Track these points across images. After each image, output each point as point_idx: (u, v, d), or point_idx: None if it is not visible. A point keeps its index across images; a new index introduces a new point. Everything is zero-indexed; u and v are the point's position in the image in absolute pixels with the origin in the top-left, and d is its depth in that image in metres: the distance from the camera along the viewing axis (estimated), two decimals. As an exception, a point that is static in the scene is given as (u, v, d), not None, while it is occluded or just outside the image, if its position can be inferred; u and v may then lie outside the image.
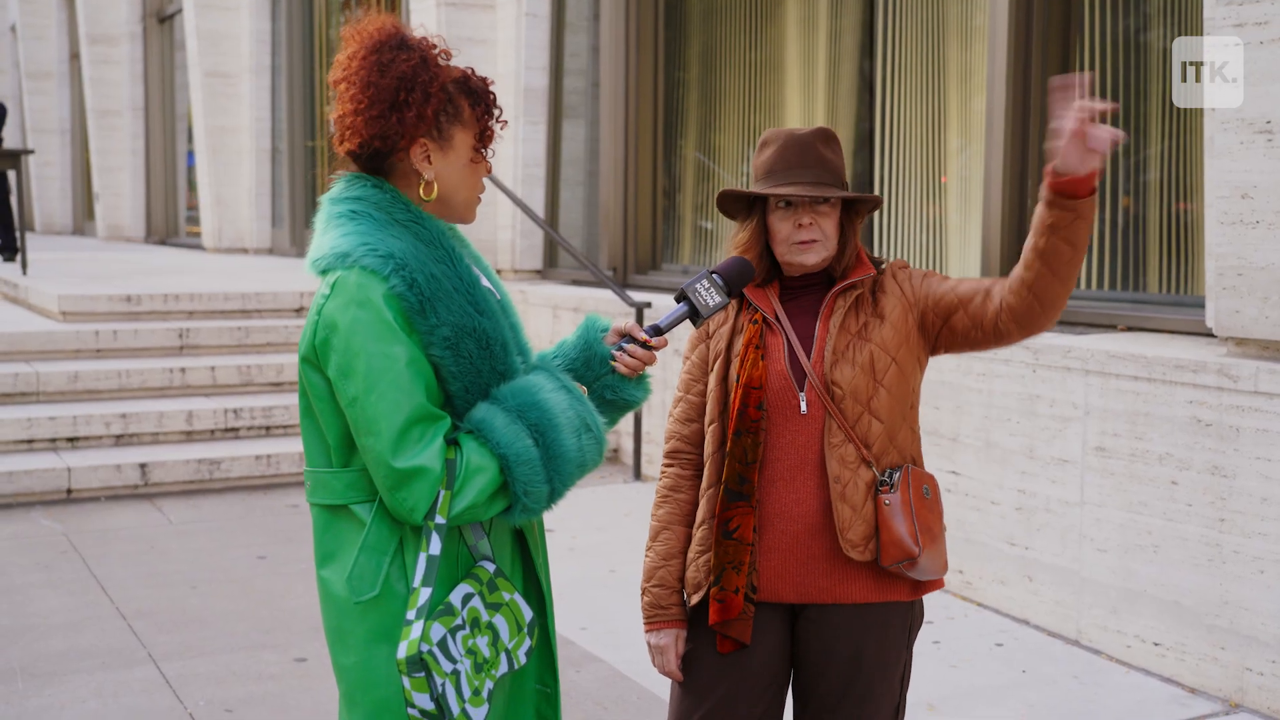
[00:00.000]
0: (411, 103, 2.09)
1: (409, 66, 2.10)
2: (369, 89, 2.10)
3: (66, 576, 5.43)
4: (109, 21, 18.42)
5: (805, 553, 2.49)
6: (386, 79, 2.09)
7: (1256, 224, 4.11)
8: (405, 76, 2.09)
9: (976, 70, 6.15)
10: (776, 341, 2.54)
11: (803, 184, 2.49)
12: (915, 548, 2.46)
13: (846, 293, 2.55)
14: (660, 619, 2.60)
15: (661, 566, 2.61)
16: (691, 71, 8.57)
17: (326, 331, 2.04)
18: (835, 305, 2.54)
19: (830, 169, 2.52)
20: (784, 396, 2.50)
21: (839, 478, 2.47)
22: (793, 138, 2.53)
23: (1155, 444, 4.39)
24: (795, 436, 2.50)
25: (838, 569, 2.49)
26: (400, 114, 2.09)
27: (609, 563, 5.64)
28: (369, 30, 2.14)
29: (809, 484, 2.49)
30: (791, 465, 2.50)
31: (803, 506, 2.49)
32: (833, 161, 2.53)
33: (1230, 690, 4.17)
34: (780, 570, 2.50)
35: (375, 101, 2.09)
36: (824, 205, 2.51)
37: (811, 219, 2.50)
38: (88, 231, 21.26)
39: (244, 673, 4.41)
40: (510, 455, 2.05)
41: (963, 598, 5.13)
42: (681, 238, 8.62)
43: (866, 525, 2.48)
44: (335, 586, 2.12)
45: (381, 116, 2.09)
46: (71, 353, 7.82)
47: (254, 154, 14.47)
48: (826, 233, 2.51)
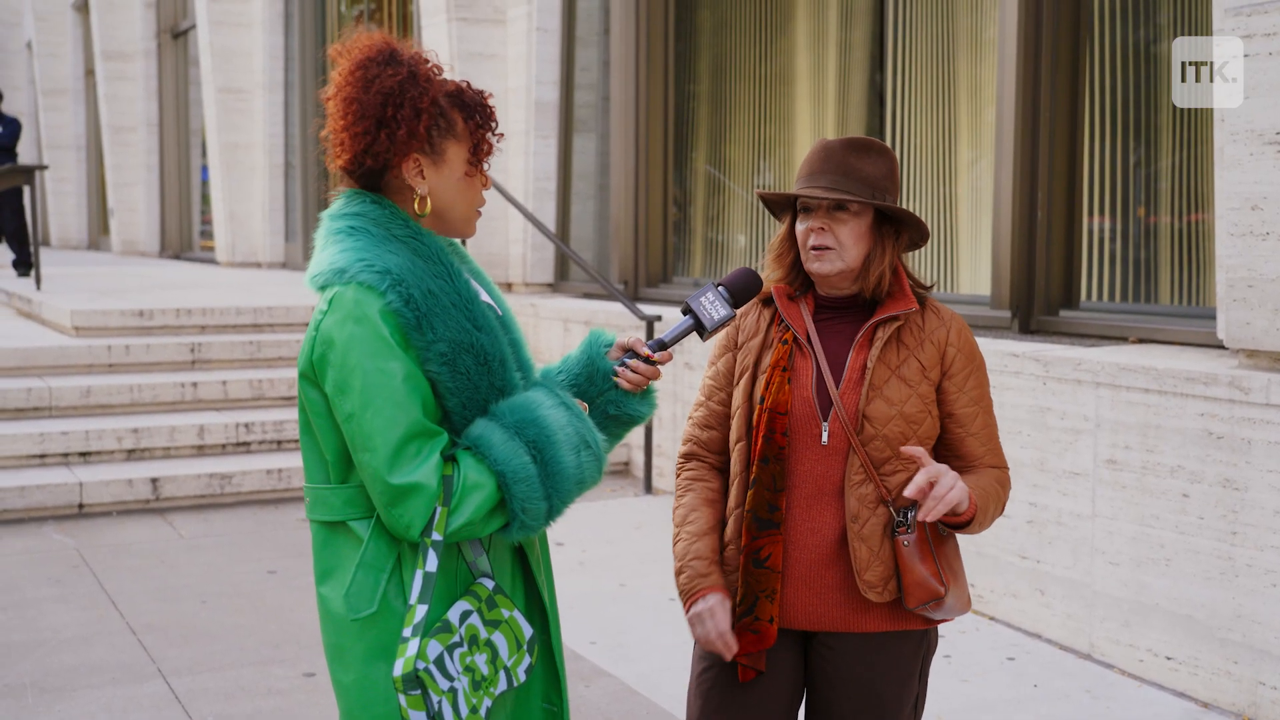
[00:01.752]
0: (400, 119, 2.08)
1: (395, 82, 2.09)
2: (353, 105, 2.10)
3: (77, 591, 5.44)
4: (123, 38, 18.53)
5: (820, 583, 2.44)
6: (370, 95, 2.09)
7: (1267, 235, 4.08)
8: (391, 92, 2.08)
9: (987, 83, 6.14)
10: (806, 365, 2.45)
11: (816, 188, 2.42)
12: (940, 587, 2.40)
13: (887, 324, 2.45)
14: (700, 586, 2.46)
15: (696, 541, 2.50)
16: (702, 85, 8.57)
17: (324, 347, 2.04)
18: (875, 336, 2.45)
19: (857, 177, 2.41)
20: (806, 424, 2.43)
21: (857, 516, 2.40)
22: (827, 144, 2.47)
23: (1167, 456, 4.36)
24: (814, 465, 2.43)
25: (853, 599, 2.44)
26: (389, 130, 2.08)
27: (619, 576, 5.62)
28: (357, 47, 2.14)
29: (825, 514, 2.43)
30: (808, 494, 2.44)
31: (818, 536, 2.44)
32: (860, 170, 2.42)
33: (1244, 704, 4.14)
34: (793, 599, 2.46)
35: (361, 117, 2.09)
36: (841, 213, 2.42)
37: (826, 225, 2.42)
38: (103, 246, 21.35)
39: (253, 688, 4.41)
40: (508, 472, 2.03)
41: (974, 611, 5.10)
42: (692, 251, 8.62)
43: (885, 567, 2.41)
44: (333, 603, 2.11)
45: (368, 133, 2.09)
46: (84, 367, 7.85)
47: (267, 169, 14.53)
48: (842, 241, 2.42)
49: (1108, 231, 5.57)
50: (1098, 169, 5.56)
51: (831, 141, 2.47)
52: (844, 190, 2.41)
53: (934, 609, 2.42)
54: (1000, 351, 4.97)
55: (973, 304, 5.92)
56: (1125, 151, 5.52)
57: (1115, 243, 5.54)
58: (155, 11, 18.12)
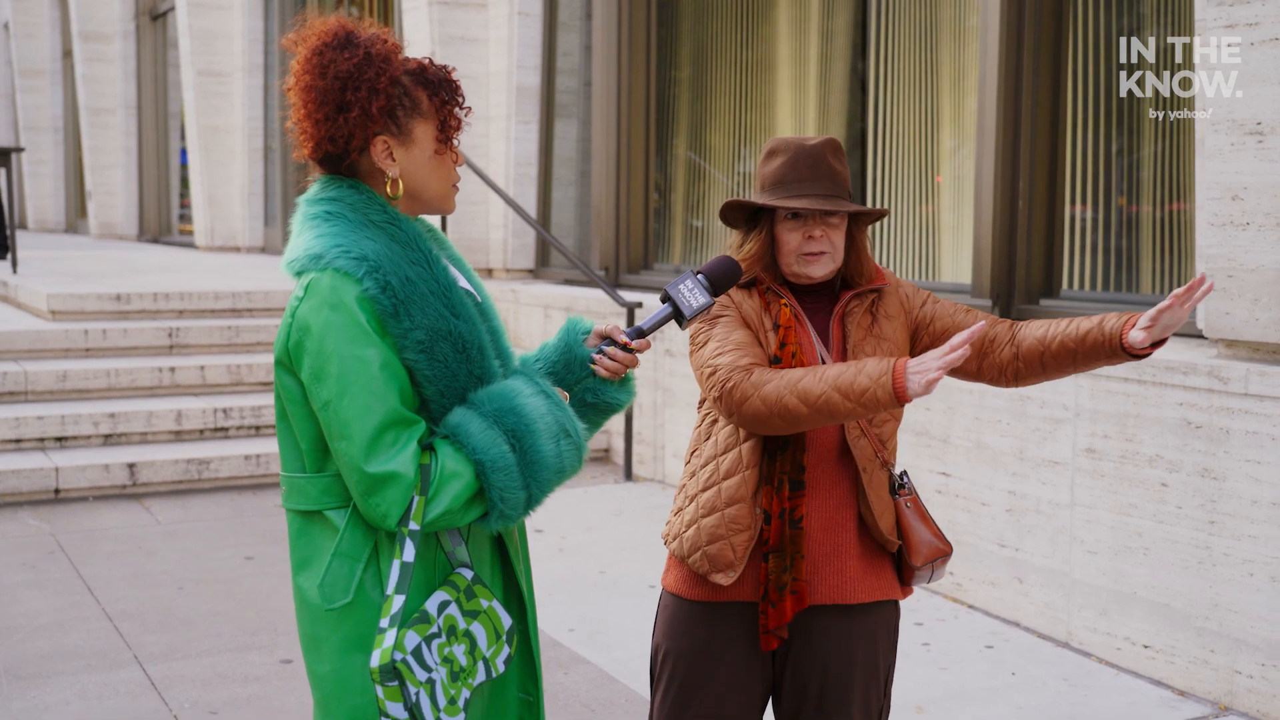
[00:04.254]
0: (356, 101, 2.05)
1: (351, 65, 2.06)
2: (311, 92, 2.08)
3: (53, 577, 5.40)
4: (102, 19, 18.38)
5: (818, 551, 2.49)
6: (327, 80, 2.06)
7: (1247, 225, 4.09)
8: (348, 75, 2.06)
9: (969, 71, 6.13)
10: (805, 333, 2.54)
11: (815, 196, 2.48)
12: (947, 545, 2.56)
13: (861, 296, 2.57)
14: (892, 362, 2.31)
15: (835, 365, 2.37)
16: (684, 71, 8.55)
17: (300, 334, 2.02)
18: (850, 306, 2.55)
19: (839, 181, 2.52)
20: None
21: (865, 469, 2.50)
22: (803, 149, 2.51)
23: (1145, 446, 4.37)
24: (819, 431, 2.49)
25: (851, 566, 2.51)
26: (346, 114, 2.06)
27: (599, 563, 5.62)
28: (312, 34, 2.11)
29: (827, 479, 2.50)
30: (812, 461, 2.49)
31: (818, 502, 2.49)
32: (841, 173, 2.53)
33: (1220, 693, 4.16)
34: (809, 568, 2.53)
35: (320, 104, 2.07)
36: (833, 218, 2.51)
37: (822, 231, 2.50)
38: (80, 229, 21.21)
39: (229, 674, 4.38)
40: (486, 461, 2.02)
41: (953, 599, 5.11)
42: (673, 237, 8.60)
43: (890, 519, 2.54)
44: (309, 593, 2.09)
45: (328, 119, 2.07)
46: (60, 352, 7.79)
47: (246, 153, 14.45)
48: (835, 245, 2.52)
49: (1089, 221, 5.57)
50: (1079, 158, 5.57)
51: (810, 144, 2.51)
52: (838, 197, 2.51)
53: (941, 565, 2.56)
54: (981, 340, 4.97)
55: (954, 292, 5.92)
56: (1107, 141, 5.52)
57: (1096, 232, 5.55)
58: (134, -8, 18.01)
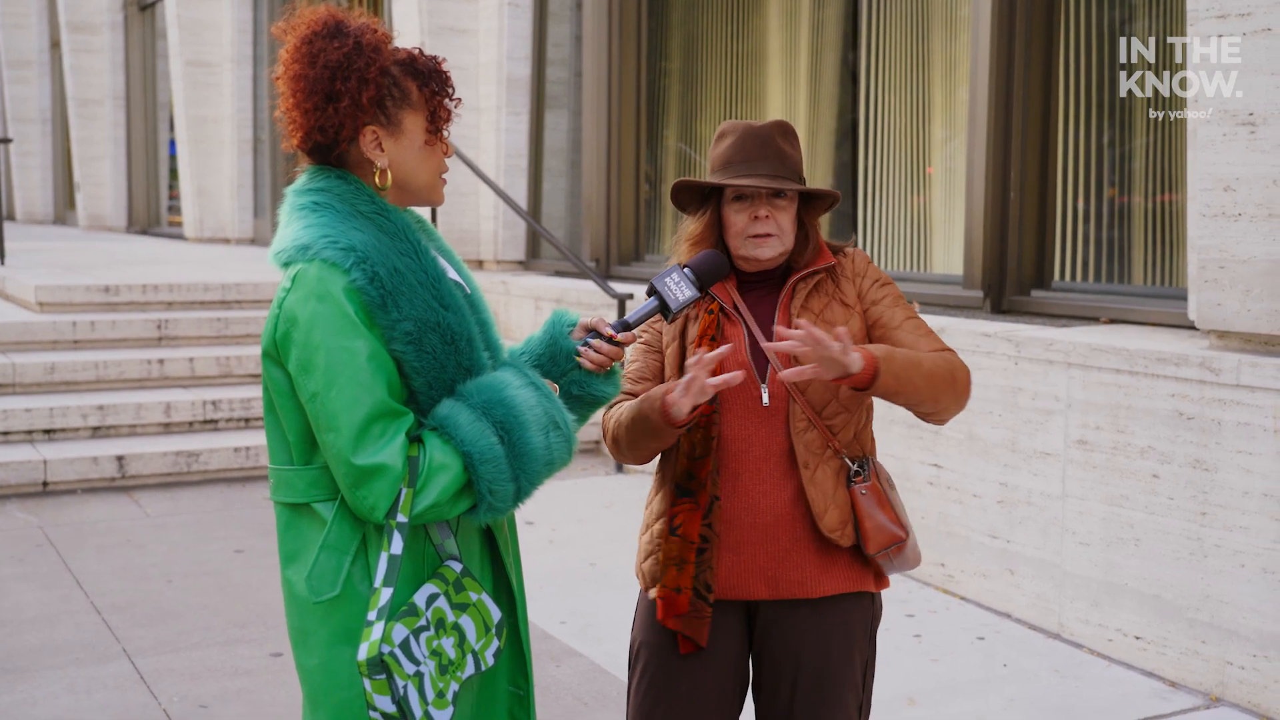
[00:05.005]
0: (345, 91, 2.04)
1: (341, 54, 2.05)
2: (300, 81, 2.06)
3: (41, 570, 5.38)
4: (90, 9, 18.30)
5: (775, 546, 2.45)
6: (316, 69, 2.05)
7: (1239, 216, 4.08)
8: (338, 65, 2.05)
9: (961, 62, 6.12)
10: (736, 331, 2.49)
11: (761, 176, 2.45)
12: (900, 531, 2.46)
13: (807, 279, 2.51)
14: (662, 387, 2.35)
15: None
16: (674, 61, 8.53)
17: (287, 325, 2.00)
18: (796, 290, 2.50)
19: (788, 163, 2.48)
20: (744, 389, 2.45)
21: (807, 463, 2.43)
22: (750, 130, 2.49)
23: (1137, 437, 4.37)
24: (758, 429, 2.45)
25: (811, 561, 2.46)
26: (336, 104, 2.05)
27: (589, 556, 5.60)
28: (302, 23, 2.10)
29: (774, 475, 2.45)
30: (756, 458, 2.45)
31: (770, 499, 2.45)
32: (790, 155, 2.49)
33: (1211, 684, 4.16)
34: (750, 566, 2.46)
35: (310, 93, 2.06)
36: (781, 199, 2.48)
37: (768, 212, 2.46)
38: (69, 221, 21.13)
39: (219, 668, 4.37)
40: (474, 453, 2.00)
41: (944, 591, 5.11)
42: (664, 228, 8.58)
43: (841, 511, 2.45)
44: (297, 586, 2.08)
45: (317, 109, 2.06)
46: (48, 344, 7.75)
47: (235, 144, 14.39)
48: (782, 227, 2.47)
49: (1080, 212, 5.56)
50: (1071, 149, 5.56)
51: (757, 126, 2.51)
52: (785, 178, 2.46)
53: (895, 554, 2.48)
54: (972, 331, 4.97)
55: (945, 284, 5.92)
56: (1098, 132, 5.51)
57: (1088, 223, 5.54)
58: (122, -17, 17.92)
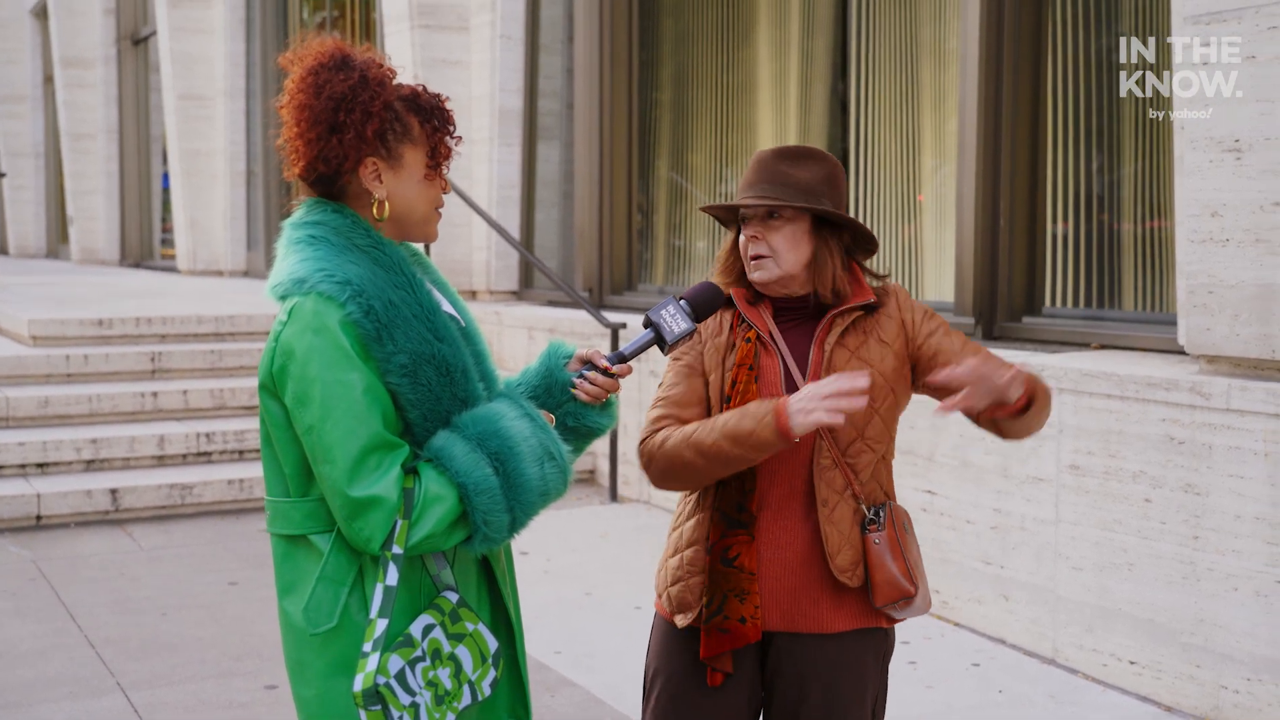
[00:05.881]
0: (349, 123, 2.06)
1: (346, 87, 2.07)
2: (305, 111, 2.09)
3: (34, 604, 5.37)
4: (83, 44, 18.35)
5: (794, 581, 2.44)
6: (321, 100, 2.08)
7: (1226, 242, 4.12)
8: (342, 97, 2.07)
9: (949, 93, 6.17)
10: (772, 363, 2.47)
11: (747, 198, 2.46)
12: (910, 586, 2.44)
13: (844, 315, 2.48)
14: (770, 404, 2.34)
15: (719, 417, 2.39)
16: (665, 93, 8.58)
17: (283, 359, 2.02)
18: (833, 325, 2.47)
19: (789, 184, 2.44)
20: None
21: (826, 501, 2.42)
22: (760, 154, 2.51)
23: (1129, 462, 4.38)
24: (782, 465, 2.44)
25: (826, 598, 2.45)
26: (340, 135, 2.07)
27: (585, 585, 5.60)
28: (309, 54, 2.13)
29: (798, 511, 2.44)
30: (782, 493, 2.45)
31: (790, 534, 2.44)
32: (794, 176, 2.45)
33: (1206, 708, 4.16)
34: (767, 599, 2.45)
35: (314, 124, 2.08)
36: (774, 220, 2.45)
37: (759, 233, 2.46)
38: (62, 255, 21.13)
39: (214, 701, 4.36)
40: (469, 484, 2.01)
41: (939, 617, 5.11)
42: (656, 258, 8.61)
43: (854, 551, 2.44)
44: (294, 617, 2.08)
45: (320, 139, 2.08)
46: (42, 377, 7.75)
47: (229, 177, 14.42)
48: (775, 248, 2.44)
49: (1070, 238, 5.60)
50: (1060, 176, 5.60)
51: (766, 152, 2.51)
52: (773, 197, 2.43)
53: (903, 608, 2.46)
54: (964, 358, 4.99)
55: (936, 310, 5.93)
56: (1087, 159, 5.55)
57: (1078, 249, 5.57)
58: (115, 18, 17.95)
